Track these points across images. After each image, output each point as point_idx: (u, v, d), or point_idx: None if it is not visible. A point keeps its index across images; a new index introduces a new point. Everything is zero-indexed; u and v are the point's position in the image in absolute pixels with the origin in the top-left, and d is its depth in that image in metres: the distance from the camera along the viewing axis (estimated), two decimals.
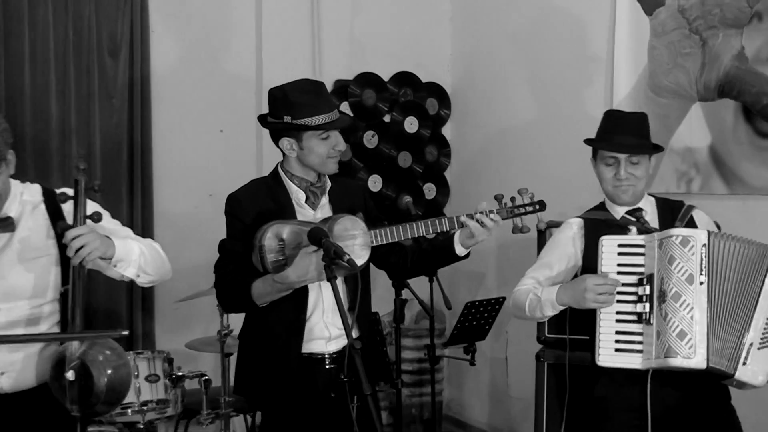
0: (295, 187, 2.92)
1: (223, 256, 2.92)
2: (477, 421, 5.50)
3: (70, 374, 2.36)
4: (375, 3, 5.49)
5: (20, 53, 4.57)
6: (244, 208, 2.88)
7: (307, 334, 2.85)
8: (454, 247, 2.93)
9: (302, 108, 2.83)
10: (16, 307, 2.50)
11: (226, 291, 2.91)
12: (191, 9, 5.08)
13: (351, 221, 2.82)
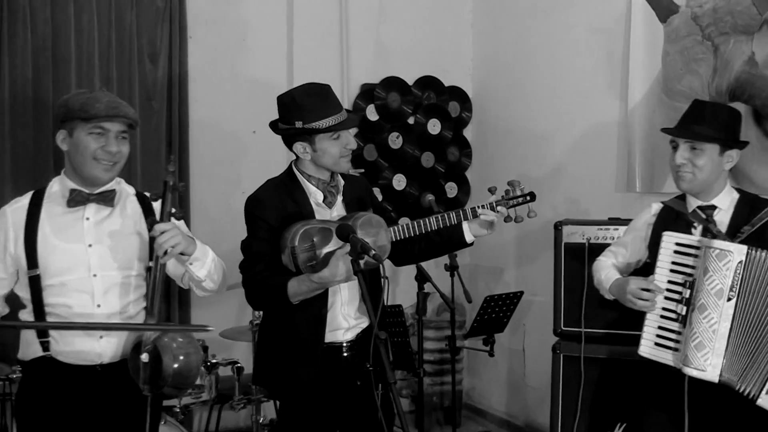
0: (313, 187, 2.92)
1: (248, 256, 2.90)
2: (495, 410, 5.49)
3: (144, 356, 2.43)
4: (400, 11, 5.49)
5: (67, 58, 4.62)
6: (267, 209, 2.86)
7: (328, 325, 2.87)
8: (464, 236, 2.97)
9: (312, 112, 2.83)
10: (109, 275, 2.61)
11: (257, 290, 2.89)
12: (226, 16, 5.11)
13: (372, 218, 2.85)
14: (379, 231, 2.83)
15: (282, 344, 2.93)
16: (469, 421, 5.42)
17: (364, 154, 5.29)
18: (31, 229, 2.60)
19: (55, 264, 2.58)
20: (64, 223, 2.62)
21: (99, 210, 2.65)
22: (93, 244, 2.61)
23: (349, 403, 2.90)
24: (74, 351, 2.59)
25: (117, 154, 2.60)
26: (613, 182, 4.49)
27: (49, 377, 2.60)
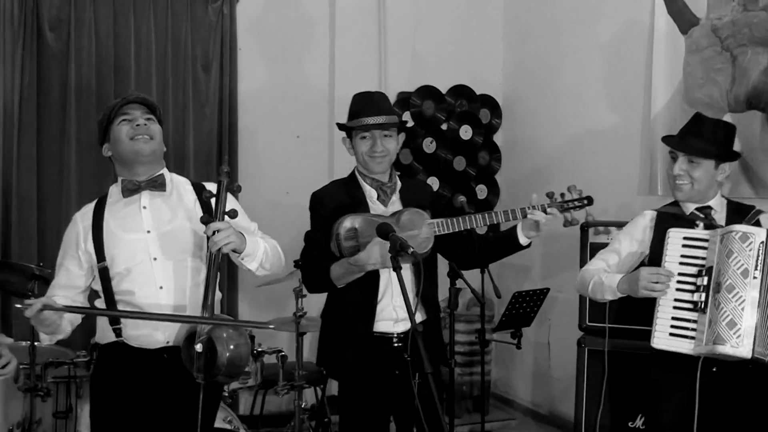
0: (368, 186, 2.95)
1: (307, 245, 3.00)
2: (521, 399, 5.48)
3: (199, 347, 2.44)
4: (434, 23, 5.49)
5: (127, 68, 4.72)
6: (324, 204, 2.94)
7: (377, 315, 2.87)
8: (518, 238, 2.90)
9: (353, 113, 2.94)
10: (168, 259, 2.63)
11: (309, 273, 2.99)
12: (273, 29, 5.17)
13: (417, 214, 2.83)
14: (422, 226, 2.82)
15: (337, 330, 2.97)
16: (496, 410, 5.39)
17: (399, 158, 5.30)
18: (97, 227, 2.65)
19: (120, 254, 2.62)
20: (124, 215, 2.67)
21: (153, 197, 2.68)
22: (151, 230, 2.65)
23: (400, 391, 2.88)
24: (142, 334, 2.62)
25: (147, 128, 2.64)
26: (636, 186, 4.46)
27: (121, 360, 2.65)
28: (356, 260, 2.71)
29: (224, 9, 4.92)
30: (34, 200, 4.58)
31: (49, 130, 4.60)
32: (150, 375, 2.63)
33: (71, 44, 4.59)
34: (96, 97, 4.65)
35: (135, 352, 2.63)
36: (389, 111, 2.98)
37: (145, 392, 2.63)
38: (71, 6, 4.59)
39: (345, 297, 2.89)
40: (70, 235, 2.71)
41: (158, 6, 4.78)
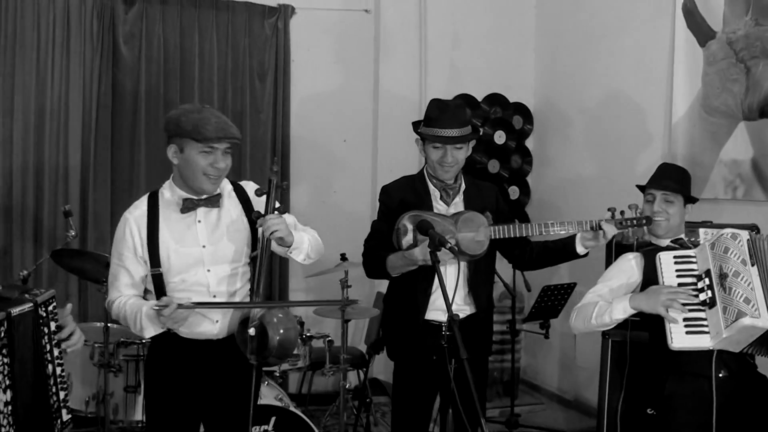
0: (433, 186, 2.94)
1: (371, 233, 3.00)
2: (548, 385, 5.47)
3: (252, 331, 2.45)
4: (471, 37, 5.50)
5: (192, 78, 4.83)
6: (391, 197, 2.96)
7: (430, 304, 2.88)
8: (576, 247, 2.87)
9: (429, 120, 2.89)
10: (221, 269, 2.61)
11: (368, 260, 2.98)
12: (321, 42, 5.25)
13: (475, 216, 2.81)
14: (479, 228, 2.79)
15: (394, 315, 3.01)
16: (524, 395, 5.38)
17: None
18: (152, 234, 2.57)
19: (176, 265, 2.57)
20: (180, 228, 2.60)
21: (208, 212, 2.62)
22: (206, 245, 2.60)
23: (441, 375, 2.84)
24: (195, 332, 2.61)
25: (224, 169, 2.57)
26: None
27: (172, 350, 2.63)
28: (410, 254, 2.72)
29: (279, 24, 5.01)
30: (108, 195, 4.73)
31: (121, 132, 4.74)
32: (198, 363, 2.62)
33: (142, 56, 4.73)
34: (163, 103, 4.78)
35: (184, 343, 2.62)
36: (464, 122, 2.91)
37: (194, 378, 2.62)
38: (143, 22, 4.74)
39: (403, 286, 2.91)
40: (125, 237, 2.60)
41: (220, 22, 4.89)
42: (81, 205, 4.63)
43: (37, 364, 1.93)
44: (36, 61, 4.54)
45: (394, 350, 3.05)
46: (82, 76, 4.61)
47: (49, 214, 4.60)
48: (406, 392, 2.99)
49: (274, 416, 3.49)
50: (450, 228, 2.77)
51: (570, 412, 5.09)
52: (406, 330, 2.93)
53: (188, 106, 2.64)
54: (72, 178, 4.63)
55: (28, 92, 4.53)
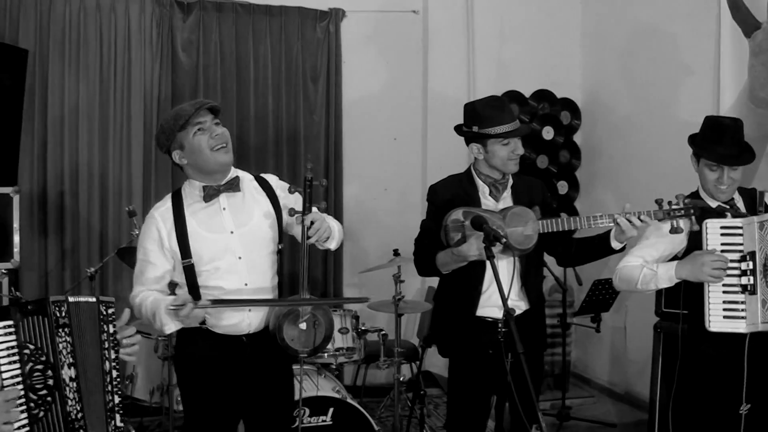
0: (481, 183, 2.92)
1: (421, 231, 3.01)
2: (598, 378, 5.46)
3: (303, 325, 2.52)
4: (518, 33, 5.52)
5: (247, 82, 4.96)
6: (438, 196, 2.96)
7: (483, 301, 2.87)
8: (610, 242, 2.81)
9: (487, 119, 2.84)
10: (251, 256, 2.61)
11: (419, 258, 2.99)
12: (371, 44, 5.31)
13: (523, 211, 2.80)
14: (527, 222, 2.77)
15: (446, 312, 3.00)
16: (575, 388, 5.39)
17: None
18: (180, 226, 2.57)
19: (206, 253, 2.57)
20: (206, 217, 2.60)
21: (230, 198, 2.61)
22: (234, 231, 2.60)
23: (497, 370, 2.86)
24: (228, 324, 2.61)
25: (222, 136, 2.55)
26: None
27: (203, 345, 2.63)
28: (459, 251, 2.72)
29: (330, 27, 5.11)
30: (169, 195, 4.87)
31: None
32: (232, 358, 2.63)
33: (200, 62, 4.87)
34: (221, 107, 4.90)
35: (217, 338, 2.62)
36: (515, 116, 2.95)
37: (230, 374, 2.63)
38: (200, 30, 4.88)
39: (454, 283, 2.90)
40: (151, 231, 2.59)
41: (273, 27, 5.00)
42: (143, 204, 4.77)
43: (98, 357, 1.99)
44: (99, 69, 4.72)
45: (447, 347, 3.03)
46: (143, 82, 4.78)
47: (114, 214, 4.77)
48: (462, 388, 2.98)
49: (332, 407, 3.58)
50: (499, 223, 2.77)
51: (621, 405, 5.08)
52: (458, 327, 2.92)
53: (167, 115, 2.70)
54: (135, 180, 4.80)
55: (92, 99, 4.71)
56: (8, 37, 4.49)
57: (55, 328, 1.84)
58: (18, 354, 1.78)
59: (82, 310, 1.97)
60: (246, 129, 4.95)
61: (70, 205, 4.71)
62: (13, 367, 1.77)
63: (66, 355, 1.87)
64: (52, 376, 1.82)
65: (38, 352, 1.81)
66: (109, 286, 4.78)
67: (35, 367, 1.80)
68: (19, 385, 1.78)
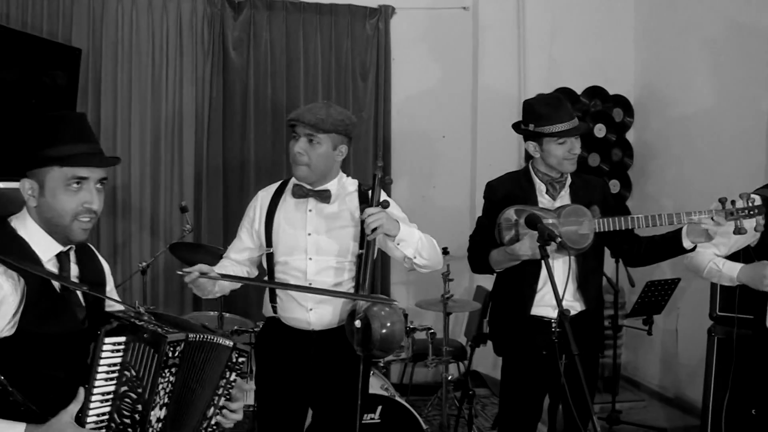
0: (539, 181, 2.92)
1: (476, 229, 3.02)
2: (649, 382, 5.43)
3: (357, 323, 2.55)
4: (569, 30, 5.50)
5: (297, 80, 5.03)
6: (495, 193, 2.96)
7: (537, 300, 2.87)
8: (682, 241, 2.78)
9: (543, 118, 2.84)
10: (324, 260, 2.69)
11: (472, 255, 3.00)
12: (421, 40, 5.35)
13: (579, 209, 2.77)
14: (583, 221, 2.76)
15: (501, 311, 3.03)
16: (625, 391, 5.35)
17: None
18: (271, 213, 2.75)
19: (282, 246, 2.71)
20: (292, 212, 2.74)
21: (318, 204, 2.72)
22: (312, 233, 2.70)
23: (551, 371, 2.86)
24: (291, 317, 2.73)
25: (301, 155, 2.64)
26: (763, 179, 4.34)
27: (277, 333, 2.77)
28: (512, 249, 2.73)
29: (380, 25, 5.15)
30: (220, 192, 4.99)
31: (232, 133, 4.99)
32: (301, 350, 2.73)
33: (250, 60, 4.96)
34: (271, 105, 5.00)
35: (288, 330, 2.74)
36: (573, 114, 2.91)
37: (300, 366, 2.73)
38: (251, 28, 4.97)
39: (510, 281, 2.92)
40: (249, 211, 2.82)
41: (323, 25, 5.07)
42: (195, 201, 4.91)
43: (205, 400, 1.93)
44: (151, 68, 4.85)
45: (502, 346, 3.05)
46: (194, 80, 4.89)
47: (166, 209, 4.90)
48: (515, 388, 2.99)
49: (380, 405, 3.63)
50: (553, 221, 2.73)
51: (671, 410, 5.04)
52: (512, 326, 2.93)
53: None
54: (186, 176, 4.92)
55: (144, 97, 4.84)
56: (62, 36, 4.64)
57: (162, 368, 1.75)
58: (118, 373, 1.73)
59: (204, 353, 1.89)
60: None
61: (122, 200, 4.85)
62: (109, 384, 1.73)
63: (162, 396, 1.78)
64: (140, 411, 1.75)
65: (137, 381, 1.74)
66: (160, 281, 4.92)
67: (128, 393, 1.74)
68: (106, 402, 1.73)
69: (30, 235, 1.87)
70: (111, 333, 1.73)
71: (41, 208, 1.86)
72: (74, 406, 1.69)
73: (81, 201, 1.86)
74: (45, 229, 1.87)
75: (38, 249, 1.86)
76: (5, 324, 1.71)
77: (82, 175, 1.85)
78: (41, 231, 1.87)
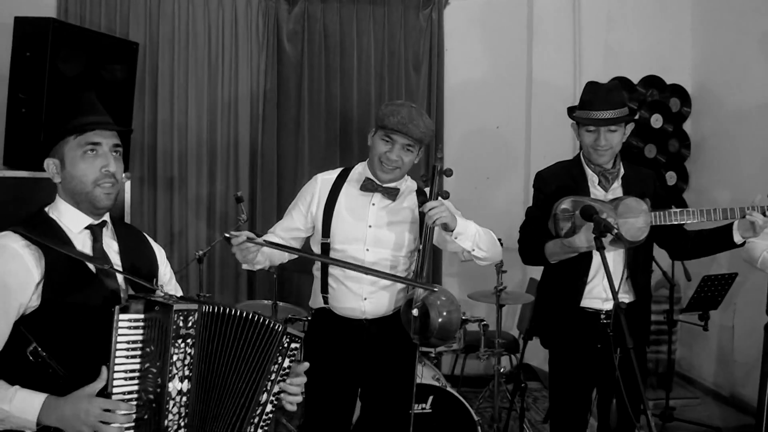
0: (591, 171, 2.90)
1: (527, 220, 3.01)
2: (703, 379, 5.39)
3: (415, 311, 2.59)
4: (626, 17, 5.46)
5: (350, 71, 5.10)
6: (546, 183, 2.94)
7: (587, 293, 2.87)
8: (732, 235, 2.77)
9: (584, 103, 2.84)
10: (380, 252, 2.78)
11: (525, 247, 2.99)
12: (474, 31, 5.37)
13: (635, 202, 2.75)
14: (639, 214, 2.73)
15: (549, 302, 3.02)
16: (679, 388, 5.33)
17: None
18: (331, 201, 2.81)
19: (341, 235, 2.77)
20: (356, 203, 2.81)
21: (383, 199, 2.81)
22: (372, 225, 2.78)
23: (602, 364, 2.87)
24: (345, 307, 2.80)
25: (395, 161, 2.73)
26: None
27: (328, 324, 2.83)
28: (569, 242, 2.71)
29: (433, 15, 5.19)
30: (275, 182, 5.10)
31: (286, 125, 5.09)
32: (352, 339, 2.79)
33: (305, 52, 5.05)
34: (325, 96, 5.08)
35: (339, 319, 2.81)
36: (619, 104, 2.81)
37: (350, 356, 2.80)
38: (305, 20, 5.06)
39: (559, 273, 2.91)
40: (306, 193, 2.86)
41: (376, 17, 5.13)
42: (250, 191, 5.03)
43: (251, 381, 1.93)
44: (208, 60, 4.98)
45: (549, 338, 3.05)
46: (250, 72, 5.00)
47: (221, 199, 5.04)
48: (564, 381, 2.99)
49: (432, 395, 3.68)
50: (610, 214, 2.71)
51: (726, 408, 5.01)
52: (561, 318, 2.93)
53: (402, 101, 2.90)
54: (241, 167, 5.04)
55: (201, 89, 4.97)
56: (119, 31, 4.80)
57: (173, 338, 1.76)
58: (140, 350, 1.76)
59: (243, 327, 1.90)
60: (349, 118, 5.10)
61: (179, 190, 5.00)
62: (131, 361, 1.75)
63: (180, 367, 1.78)
64: (159, 383, 1.76)
65: (154, 356, 1.77)
66: (216, 270, 5.07)
67: (150, 368, 1.77)
68: (133, 381, 1.76)
69: (60, 213, 1.99)
70: (125, 310, 1.77)
71: (65, 181, 1.99)
72: (98, 383, 1.76)
73: (99, 166, 1.98)
74: (72, 202, 1.99)
75: (69, 223, 1.98)
76: (30, 294, 1.83)
77: (95, 140, 1.98)
78: (69, 207, 1.99)
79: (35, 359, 1.81)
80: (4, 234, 1.87)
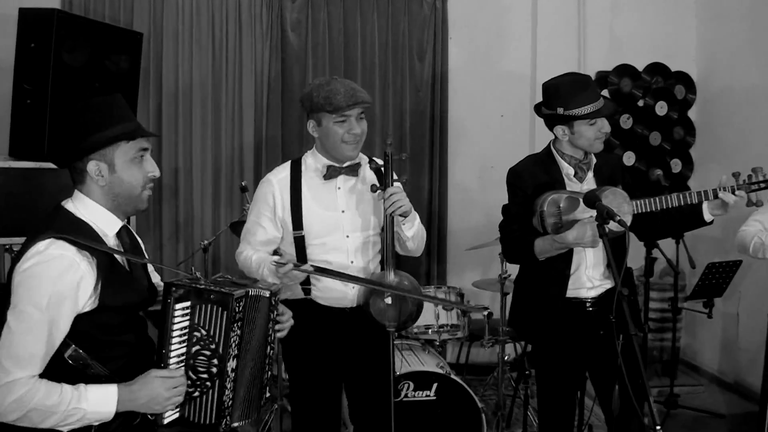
0: (565, 164, 2.89)
1: (506, 218, 2.97)
2: (708, 366, 5.40)
3: (389, 299, 2.68)
4: (631, 5, 5.44)
5: (354, 60, 5.11)
6: (524, 180, 2.90)
7: (572, 283, 2.87)
8: (703, 214, 2.81)
9: (572, 100, 2.80)
10: (359, 236, 2.78)
11: (511, 246, 2.97)
12: (479, 19, 5.35)
13: (617, 194, 2.76)
14: (622, 204, 2.74)
15: (531, 296, 2.98)
16: (683, 375, 5.34)
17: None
18: (295, 197, 2.74)
19: (318, 228, 2.74)
20: (322, 193, 2.76)
21: (347, 180, 2.78)
22: (345, 210, 2.76)
23: (593, 351, 2.88)
24: (330, 297, 2.77)
25: (360, 134, 2.71)
26: None
27: (309, 315, 2.75)
28: (562, 238, 2.70)
29: (437, 4, 5.18)
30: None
31: (291, 114, 5.09)
32: (335, 329, 2.78)
33: (308, 42, 5.05)
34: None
35: (320, 309, 2.78)
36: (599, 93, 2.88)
37: (332, 345, 2.79)
38: (308, 9, 5.05)
39: (538, 267, 2.87)
40: (266, 197, 2.77)
41: (380, 6, 5.12)
42: (254, 180, 5.01)
43: (262, 344, 2.16)
44: (211, 50, 4.98)
45: (530, 331, 3.04)
46: (254, 62, 5.00)
47: (226, 189, 5.06)
48: (551, 371, 2.98)
49: (435, 383, 3.71)
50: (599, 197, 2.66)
51: (730, 395, 5.03)
52: (545, 310, 2.91)
53: (318, 80, 2.75)
54: (246, 156, 5.06)
55: (204, 79, 4.98)
56: (123, 21, 4.80)
57: (231, 323, 1.93)
58: (188, 335, 1.92)
59: (257, 304, 2.10)
60: None
61: (184, 180, 5.02)
62: (180, 347, 1.92)
63: (233, 348, 1.96)
64: (217, 365, 1.93)
65: (209, 339, 1.92)
66: (221, 258, 5.09)
67: (202, 351, 1.93)
68: (181, 363, 1.92)
69: (92, 214, 1.99)
70: (180, 299, 1.92)
71: (112, 185, 1.98)
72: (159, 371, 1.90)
73: (146, 171, 2.04)
74: (108, 206, 2.00)
75: (104, 227, 2.00)
76: (87, 299, 1.86)
77: (145, 146, 2.03)
78: (102, 209, 1.99)
79: (75, 363, 1.87)
80: (52, 242, 1.84)
